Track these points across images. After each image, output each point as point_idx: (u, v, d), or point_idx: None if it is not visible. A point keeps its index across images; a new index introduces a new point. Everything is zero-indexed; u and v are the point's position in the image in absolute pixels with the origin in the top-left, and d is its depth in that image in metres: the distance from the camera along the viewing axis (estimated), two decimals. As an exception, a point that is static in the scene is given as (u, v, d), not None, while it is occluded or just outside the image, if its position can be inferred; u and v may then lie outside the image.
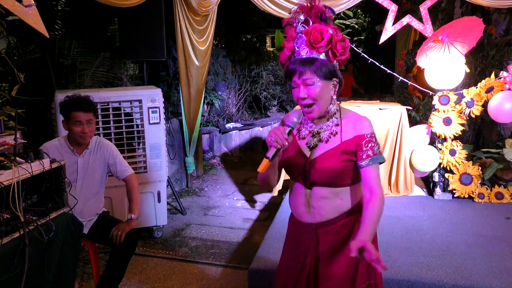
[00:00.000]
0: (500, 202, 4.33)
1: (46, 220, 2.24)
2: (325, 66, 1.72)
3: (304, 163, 1.81)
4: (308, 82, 1.72)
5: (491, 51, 5.28)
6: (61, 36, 4.92)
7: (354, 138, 1.78)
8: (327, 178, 1.79)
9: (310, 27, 1.73)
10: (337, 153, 1.77)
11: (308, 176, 1.80)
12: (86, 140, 2.93)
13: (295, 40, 1.76)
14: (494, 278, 2.88)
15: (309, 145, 1.83)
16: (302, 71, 1.71)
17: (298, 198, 1.88)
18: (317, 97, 1.73)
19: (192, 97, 5.02)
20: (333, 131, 1.81)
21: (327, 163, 1.77)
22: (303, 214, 1.87)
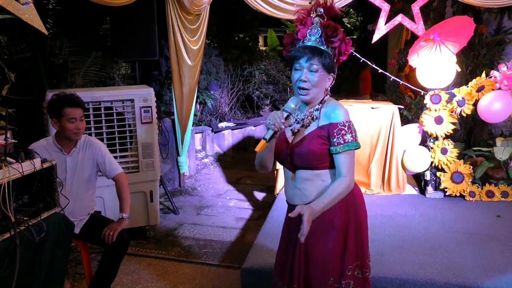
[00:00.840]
0: (491, 200, 4.36)
1: (37, 221, 2.23)
2: (330, 60, 1.90)
3: (286, 148, 1.99)
4: (313, 68, 1.87)
5: (482, 50, 5.32)
6: (52, 35, 4.88)
7: (327, 125, 1.92)
8: (306, 160, 1.94)
9: (328, 21, 1.90)
10: (313, 137, 1.93)
11: (291, 160, 1.98)
12: (79, 137, 2.92)
13: (310, 28, 1.90)
14: (485, 275, 2.91)
15: (292, 131, 2.00)
16: (311, 56, 1.86)
17: (288, 182, 2.07)
18: (316, 84, 1.89)
19: (185, 96, 5.00)
20: (313, 116, 1.96)
21: (304, 147, 1.93)
22: (292, 197, 2.04)
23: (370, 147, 4.73)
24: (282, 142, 2.02)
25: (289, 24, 11.90)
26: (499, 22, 5.57)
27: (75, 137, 2.90)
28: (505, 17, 5.49)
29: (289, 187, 2.06)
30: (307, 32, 1.91)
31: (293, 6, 4.43)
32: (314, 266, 2.00)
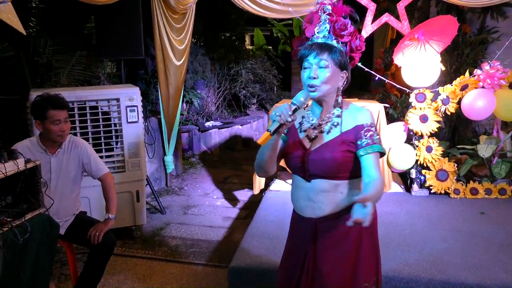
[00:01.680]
0: (475, 197, 4.42)
1: (21, 222, 2.20)
2: (341, 55, 1.77)
3: (303, 154, 1.81)
4: (322, 64, 1.74)
5: (466, 50, 5.39)
6: (35, 33, 4.82)
7: (353, 129, 1.79)
8: (326, 169, 1.77)
9: (336, 17, 1.78)
10: (336, 143, 1.77)
11: (307, 167, 1.79)
12: (64, 139, 2.89)
13: (318, 25, 1.80)
14: (469, 272, 2.94)
15: (309, 137, 1.83)
16: (319, 52, 1.74)
17: (299, 192, 1.87)
18: (326, 80, 1.74)
19: (171, 95, 4.98)
20: (334, 122, 1.81)
21: (326, 154, 1.77)
22: (303, 208, 1.86)
23: (356, 146, 4.75)
24: (297, 147, 1.84)
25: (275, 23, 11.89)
26: (482, 21, 5.64)
27: (59, 139, 2.87)
28: (488, 16, 5.56)
29: (300, 197, 1.87)
30: (315, 30, 1.80)
31: (280, 5, 4.44)
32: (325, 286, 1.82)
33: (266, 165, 1.85)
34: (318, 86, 1.74)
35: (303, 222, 1.88)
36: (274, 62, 10.04)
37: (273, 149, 1.80)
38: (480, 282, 2.83)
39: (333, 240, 1.82)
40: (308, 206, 1.84)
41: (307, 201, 1.83)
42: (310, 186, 1.82)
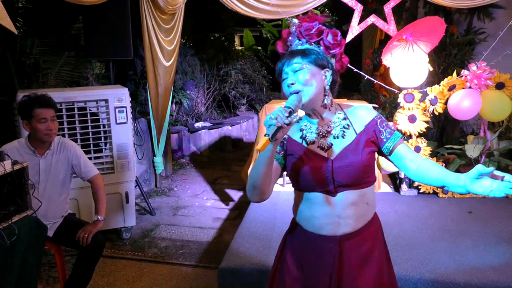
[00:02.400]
0: (463, 197, 4.46)
1: (8, 224, 2.18)
2: (316, 54, 1.64)
3: (326, 164, 1.61)
4: (296, 67, 1.61)
5: (453, 50, 5.44)
6: (22, 34, 4.77)
7: (368, 126, 1.67)
8: (355, 176, 1.61)
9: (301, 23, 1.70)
10: (358, 145, 1.63)
11: (334, 178, 1.60)
12: (51, 138, 2.86)
13: (288, 39, 1.72)
14: (457, 271, 2.97)
15: (323, 146, 1.65)
16: (291, 58, 1.63)
17: (319, 209, 1.64)
18: (306, 82, 1.59)
19: (160, 96, 4.97)
20: (343, 125, 1.67)
21: (352, 158, 1.61)
22: (325, 226, 1.64)
23: (346, 146, 4.78)
24: (314, 159, 1.63)
25: (265, 24, 11.92)
26: (469, 22, 5.70)
27: (47, 138, 2.84)
28: (475, 18, 5.62)
29: (322, 215, 1.64)
30: (287, 43, 1.72)
31: (269, 6, 4.45)
32: None
33: (264, 185, 1.60)
34: (301, 90, 1.59)
35: (321, 241, 1.66)
36: (263, 62, 10.06)
37: (270, 163, 1.57)
38: (468, 281, 2.85)
39: (358, 260, 1.66)
40: (333, 223, 1.63)
41: (333, 218, 1.63)
42: (337, 201, 1.62)
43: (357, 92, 8.32)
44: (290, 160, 1.69)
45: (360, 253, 1.66)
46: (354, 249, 1.65)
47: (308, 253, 1.70)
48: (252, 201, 1.69)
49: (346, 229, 1.64)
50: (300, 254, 1.73)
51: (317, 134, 1.67)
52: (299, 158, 1.66)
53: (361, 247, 1.66)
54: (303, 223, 1.71)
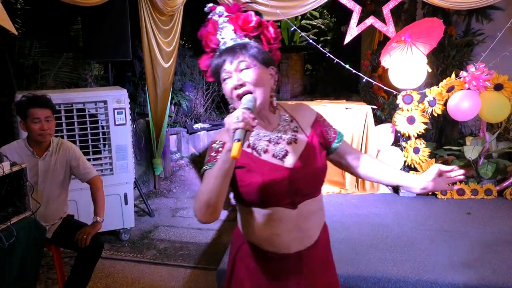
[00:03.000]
0: (462, 198, 4.47)
1: (7, 226, 2.18)
2: (260, 51, 1.45)
3: (288, 176, 1.45)
4: (243, 65, 1.42)
5: (452, 52, 5.45)
6: (21, 35, 4.77)
7: (314, 127, 1.58)
8: (317, 183, 1.53)
9: (235, 14, 1.48)
10: (314, 150, 1.52)
11: (297, 189, 1.46)
12: (45, 138, 2.84)
13: (218, 31, 1.48)
14: (456, 272, 2.97)
15: (278, 155, 1.48)
16: (233, 55, 1.42)
17: (280, 225, 1.48)
18: (256, 82, 1.41)
19: (159, 97, 4.96)
20: (293, 128, 1.54)
21: (312, 165, 1.50)
22: (289, 244, 1.49)
23: (345, 147, 4.78)
24: (271, 171, 1.45)
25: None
26: (467, 24, 5.71)
27: (40, 139, 2.82)
28: (473, 19, 5.64)
29: (284, 231, 1.48)
30: (218, 36, 1.48)
31: (267, 7, 4.45)
32: None
33: (220, 201, 1.37)
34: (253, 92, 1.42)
35: (286, 261, 1.51)
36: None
37: (230, 174, 1.34)
38: (467, 282, 2.85)
39: (319, 268, 1.58)
40: (296, 238, 1.50)
41: (295, 233, 1.49)
42: (298, 213, 1.48)
43: (355, 94, 8.33)
44: (241, 174, 1.45)
45: (320, 261, 1.59)
46: (316, 259, 1.56)
47: (271, 276, 1.54)
48: (203, 222, 1.40)
49: (309, 242, 1.53)
50: (259, 277, 1.55)
51: (268, 141, 1.50)
52: (252, 171, 1.45)
53: (321, 255, 1.59)
54: (261, 244, 1.52)
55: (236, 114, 1.27)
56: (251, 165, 1.46)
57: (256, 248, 1.54)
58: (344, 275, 2.98)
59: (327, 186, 4.73)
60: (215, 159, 1.42)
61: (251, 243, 1.55)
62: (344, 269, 3.03)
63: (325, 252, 1.64)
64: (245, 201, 1.49)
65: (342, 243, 3.44)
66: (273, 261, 1.52)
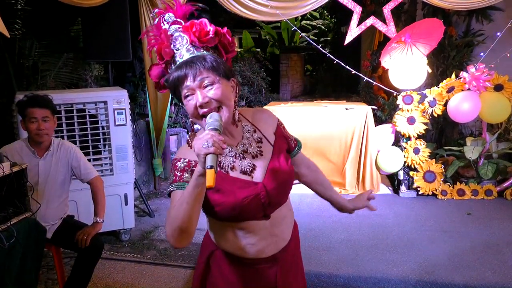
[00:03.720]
0: (462, 198, 4.47)
1: (7, 226, 2.17)
2: (219, 63, 1.37)
3: (260, 191, 1.42)
4: (206, 82, 1.33)
5: (452, 52, 5.45)
6: (21, 36, 4.77)
7: (278, 134, 1.55)
8: (287, 192, 1.53)
9: (189, 23, 1.37)
10: (280, 159, 1.50)
11: (269, 202, 1.44)
12: (42, 138, 2.83)
13: (172, 42, 1.39)
14: (456, 272, 2.97)
15: (245, 171, 1.45)
16: (194, 70, 1.32)
17: (255, 236, 1.48)
18: (221, 99, 1.34)
19: (159, 98, 4.96)
20: (256, 139, 1.50)
21: (282, 176, 1.47)
22: (264, 249, 1.50)
23: (345, 148, 4.78)
24: (242, 188, 1.41)
25: (263, 26, 11.94)
26: (467, 24, 5.71)
27: (37, 139, 2.82)
28: (473, 19, 5.64)
29: (258, 240, 1.49)
30: (172, 47, 1.39)
31: (267, 8, 4.45)
32: None
33: (193, 225, 1.35)
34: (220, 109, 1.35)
35: (262, 264, 1.53)
36: (262, 64, 10.06)
37: (202, 198, 1.31)
38: (467, 282, 2.86)
39: (290, 264, 1.62)
40: (271, 243, 1.51)
41: (270, 239, 1.50)
42: (270, 222, 1.49)
43: (355, 94, 8.33)
44: (212, 194, 1.40)
45: (292, 259, 1.61)
46: (288, 257, 1.59)
47: (247, 279, 1.54)
48: (177, 247, 1.39)
49: (282, 244, 1.55)
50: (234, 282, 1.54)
51: (234, 157, 1.46)
52: (223, 191, 1.40)
53: (292, 252, 1.61)
54: (237, 253, 1.51)
55: (205, 138, 1.19)
56: (221, 185, 1.40)
57: (232, 256, 1.52)
58: (344, 276, 2.98)
59: (327, 186, 4.73)
60: (181, 179, 1.38)
61: (228, 252, 1.53)
62: (344, 270, 3.03)
63: (296, 249, 1.66)
64: (218, 218, 1.47)
65: (342, 243, 3.44)
66: (250, 265, 1.52)
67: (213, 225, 1.56)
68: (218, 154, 1.19)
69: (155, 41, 1.42)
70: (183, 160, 1.41)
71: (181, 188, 1.36)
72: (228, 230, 1.49)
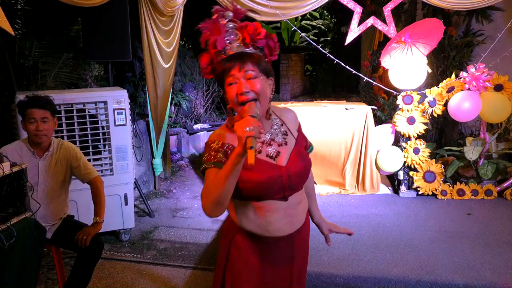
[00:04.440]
0: (462, 198, 4.47)
1: (7, 226, 2.17)
2: (264, 62, 1.62)
3: (282, 173, 1.64)
4: (250, 74, 1.56)
5: (452, 52, 5.46)
6: (21, 36, 4.77)
7: (299, 130, 1.81)
8: (303, 179, 1.73)
9: (244, 23, 1.62)
10: (300, 150, 1.73)
11: (289, 185, 1.65)
12: (41, 139, 2.83)
13: (226, 35, 1.61)
14: (456, 272, 2.97)
15: (271, 155, 1.66)
16: (243, 63, 1.56)
17: (274, 215, 1.67)
18: (260, 92, 1.56)
19: (159, 98, 4.96)
20: (283, 131, 1.72)
21: (302, 163, 1.69)
22: (281, 228, 1.69)
23: (345, 148, 4.78)
24: (267, 168, 1.63)
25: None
26: (467, 24, 5.71)
27: (36, 139, 2.82)
28: (473, 19, 5.64)
29: (276, 219, 1.67)
30: (225, 40, 1.60)
31: (267, 8, 4.46)
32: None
33: (228, 198, 1.53)
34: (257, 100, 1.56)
35: (279, 243, 1.72)
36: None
37: (237, 176, 1.50)
38: (467, 282, 2.86)
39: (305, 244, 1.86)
40: (287, 223, 1.70)
41: (286, 218, 1.69)
42: (287, 204, 1.68)
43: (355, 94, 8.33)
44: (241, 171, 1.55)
45: (304, 239, 1.83)
46: (302, 238, 1.80)
47: (266, 256, 1.72)
48: (212, 216, 1.56)
49: (298, 225, 1.74)
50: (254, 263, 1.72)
51: (262, 143, 1.67)
52: (250, 169, 1.52)
53: (305, 234, 1.82)
54: (257, 231, 1.68)
55: (246, 123, 1.39)
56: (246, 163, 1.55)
57: (251, 235, 1.70)
58: (344, 276, 2.98)
59: (327, 186, 4.73)
60: (216, 159, 1.57)
61: (245, 232, 1.71)
62: (345, 270, 3.03)
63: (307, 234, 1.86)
64: (242, 196, 1.64)
65: (342, 243, 3.44)
66: (268, 244, 1.71)
67: (237, 205, 1.71)
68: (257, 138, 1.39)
69: (210, 32, 1.62)
70: (217, 142, 1.63)
71: (215, 166, 1.56)
72: (250, 209, 1.67)
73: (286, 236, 1.70)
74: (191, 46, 8.34)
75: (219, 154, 1.59)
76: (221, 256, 1.79)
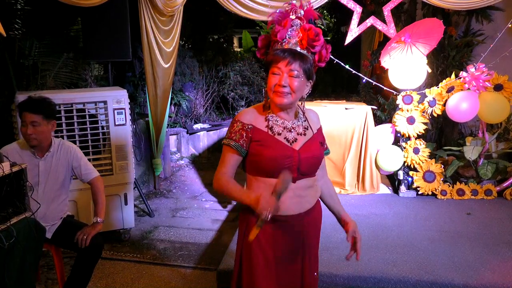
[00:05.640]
0: (461, 198, 4.47)
1: (7, 226, 2.17)
2: (310, 66, 1.80)
3: (293, 154, 1.82)
4: (294, 73, 1.75)
5: (452, 52, 5.46)
6: (21, 36, 4.77)
7: (319, 130, 1.98)
8: (314, 166, 1.90)
9: (308, 25, 1.79)
10: (316, 142, 1.91)
11: (299, 167, 1.83)
12: (31, 143, 2.79)
13: (290, 30, 1.78)
14: (456, 272, 2.98)
15: (289, 139, 1.86)
16: (291, 60, 1.74)
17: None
18: (296, 90, 1.77)
19: (159, 98, 4.96)
20: (305, 125, 1.91)
21: (314, 152, 1.87)
22: (291, 206, 1.85)
23: (345, 148, 4.78)
24: (283, 149, 1.83)
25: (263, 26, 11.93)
26: (467, 24, 5.71)
27: (27, 143, 2.80)
28: (473, 19, 5.64)
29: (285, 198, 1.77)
30: (287, 34, 1.78)
31: (267, 8, 4.45)
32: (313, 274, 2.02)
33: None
34: (287, 94, 1.77)
35: (290, 221, 1.87)
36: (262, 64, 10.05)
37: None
38: (467, 282, 2.86)
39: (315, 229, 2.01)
40: (295, 202, 1.85)
41: (296, 198, 1.85)
42: (296, 185, 1.85)
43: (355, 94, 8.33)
44: (257, 147, 1.83)
45: (315, 223, 1.98)
46: (312, 221, 1.95)
47: (278, 234, 1.88)
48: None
49: (307, 206, 1.90)
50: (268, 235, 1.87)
51: (283, 128, 1.86)
52: (266, 145, 1.82)
53: (316, 219, 1.98)
54: None
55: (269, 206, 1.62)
56: (266, 141, 1.83)
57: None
58: (344, 276, 2.98)
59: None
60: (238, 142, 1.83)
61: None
62: (344, 270, 3.03)
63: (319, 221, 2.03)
64: (255, 170, 1.86)
65: (342, 243, 3.44)
66: (280, 222, 1.84)
67: (252, 182, 1.90)
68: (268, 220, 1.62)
69: (278, 22, 1.81)
70: (239, 123, 1.86)
71: (233, 148, 1.85)
72: (262, 185, 1.84)
73: (296, 215, 1.86)
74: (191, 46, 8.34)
75: (242, 138, 1.83)
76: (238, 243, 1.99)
